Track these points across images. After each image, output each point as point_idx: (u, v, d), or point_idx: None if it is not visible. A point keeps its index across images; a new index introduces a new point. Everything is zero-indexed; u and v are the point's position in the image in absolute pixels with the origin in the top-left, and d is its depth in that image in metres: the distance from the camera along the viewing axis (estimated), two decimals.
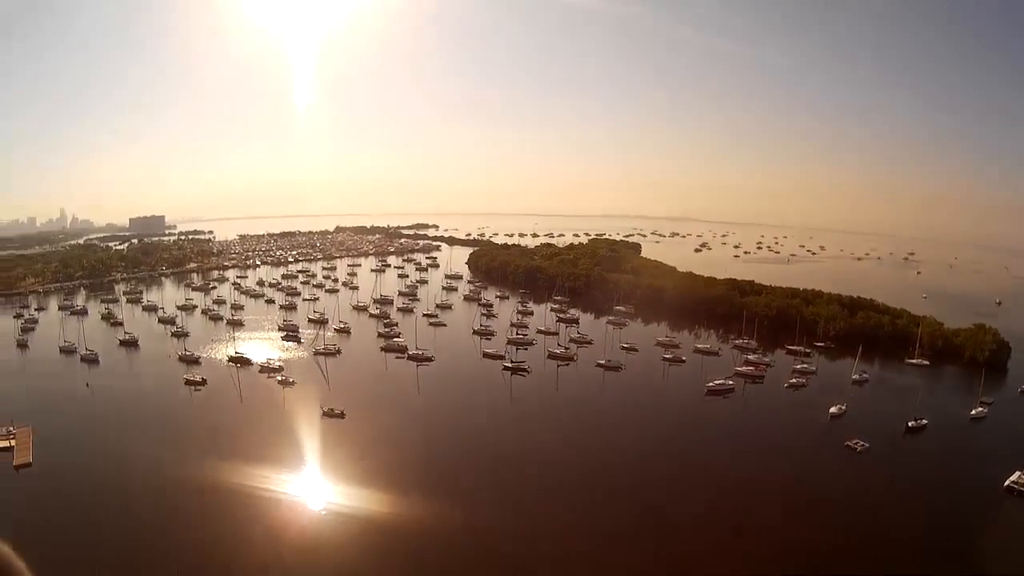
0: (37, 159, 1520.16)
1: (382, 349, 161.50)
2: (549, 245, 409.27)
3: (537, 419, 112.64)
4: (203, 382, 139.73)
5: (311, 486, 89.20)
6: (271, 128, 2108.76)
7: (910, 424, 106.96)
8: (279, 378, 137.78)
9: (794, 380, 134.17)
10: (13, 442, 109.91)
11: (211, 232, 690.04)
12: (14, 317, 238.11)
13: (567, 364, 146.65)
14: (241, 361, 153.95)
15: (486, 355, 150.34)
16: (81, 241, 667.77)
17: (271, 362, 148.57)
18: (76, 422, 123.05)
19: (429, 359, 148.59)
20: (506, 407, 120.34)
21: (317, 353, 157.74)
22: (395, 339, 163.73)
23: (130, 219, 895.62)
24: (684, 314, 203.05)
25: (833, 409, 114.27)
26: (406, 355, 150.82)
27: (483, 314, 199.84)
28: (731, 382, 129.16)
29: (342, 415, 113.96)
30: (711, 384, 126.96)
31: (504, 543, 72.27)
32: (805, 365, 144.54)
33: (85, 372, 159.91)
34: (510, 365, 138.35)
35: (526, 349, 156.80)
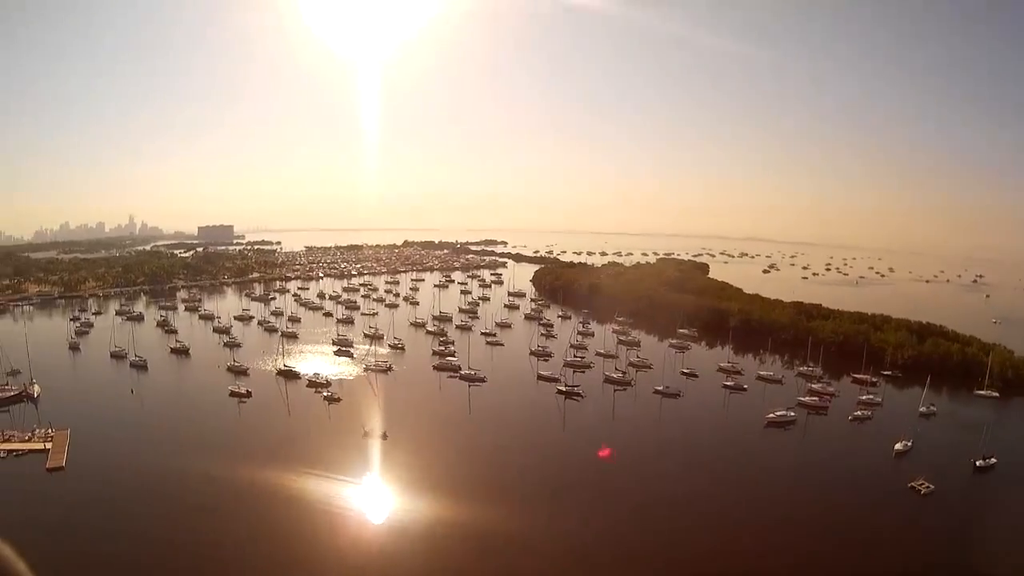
0: (109, 168, 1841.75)
1: (435, 368, 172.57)
2: (615, 264, 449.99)
3: (587, 447, 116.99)
4: (248, 394, 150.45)
5: (335, 503, 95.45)
6: (343, 140, 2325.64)
7: (978, 464, 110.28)
8: (325, 393, 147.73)
9: (859, 412, 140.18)
10: (49, 445, 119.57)
11: (279, 243, 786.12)
12: (70, 320, 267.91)
13: (624, 389, 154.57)
14: (289, 375, 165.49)
15: (541, 377, 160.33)
16: (148, 247, 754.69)
17: (319, 377, 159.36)
18: (116, 427, 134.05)
19: (482, 380, 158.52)
20: (556, 434, 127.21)
21: (368, 369, 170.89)
22: (448, 358, 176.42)
23: (199, 227, 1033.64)
24: (748, 338, 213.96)
25: (898, 446, 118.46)
26: (459, 375, 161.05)
27: (542, 334, 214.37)
28: (792, 414, 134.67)
29: (384, 436, 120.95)
30: (771, 416, 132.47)
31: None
32: (871, 396, 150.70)
33: (133, 378, 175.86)
34: (564, 389, 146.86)
35: (583, 372, 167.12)
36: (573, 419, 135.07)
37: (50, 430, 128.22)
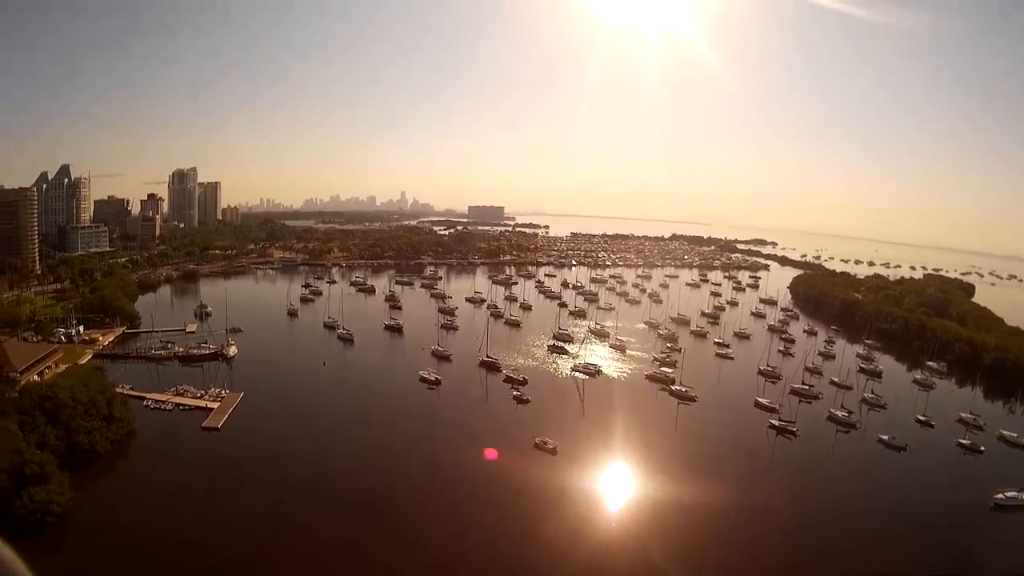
0: (383, 145, 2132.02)
1: (647, 377, 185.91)
2: (879, 276, 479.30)
3: (784, 503, 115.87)
4: (437, 382, 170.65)
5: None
6: (625, 127, 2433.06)
7: None
8: (516, 392, 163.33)
9: None
10: (216, 405, 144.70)
11: (546, 227, 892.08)
12: (302, 286, 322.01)
13: (847, 432, 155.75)
14: (491, 366, 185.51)
15: (758, 404, 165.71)
16: (414, 223, 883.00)
17: (518, 373, 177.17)
18: (288, 397, 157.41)
19: (692, 399, 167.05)
20: (754, 480, 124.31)
21: (575, 370, 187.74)
22: (664, 368, 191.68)
23: (469, 207, 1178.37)
24: (1002, 383, 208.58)
25: None
26: (669, 389, 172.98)
27: (779, 351, 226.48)
28: None
29: (554, 451, 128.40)
30: (1000, 496, 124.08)
31: None
32: None
33: (336, 351, 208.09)
34: (777, 423, 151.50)
35: (809, 403, 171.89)
36: (777, 462, 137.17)
37: (224, 391, 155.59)
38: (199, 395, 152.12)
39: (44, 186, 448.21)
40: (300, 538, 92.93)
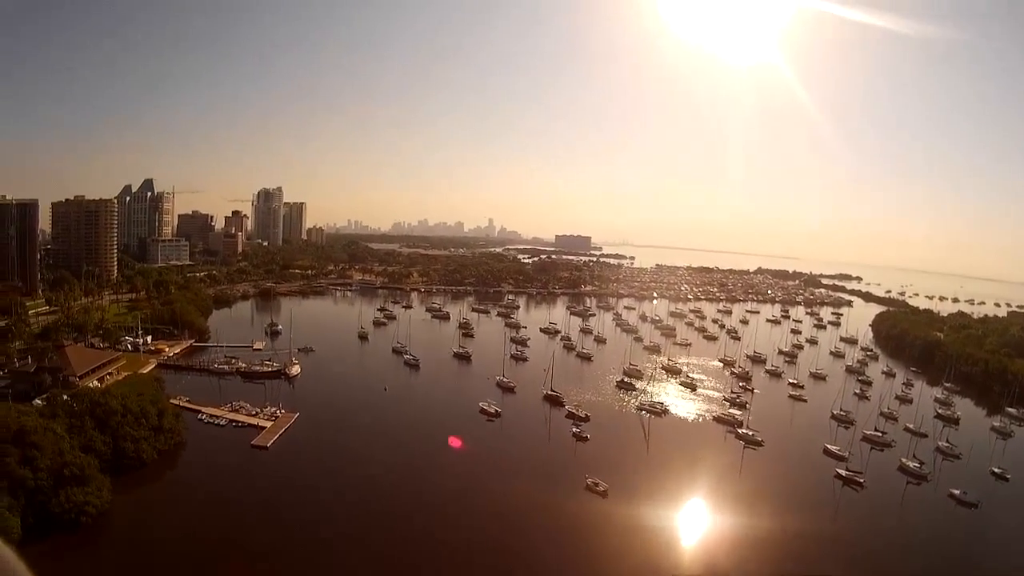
0: (473, 171, 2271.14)
1: (715, 419, 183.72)
2: (963, 314, 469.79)
3: (844, 563, 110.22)
4: (496, 414, 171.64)
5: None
6: (712, 160, 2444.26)
7: None
8: (575, 429, 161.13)
9: None
10: (269, 424, 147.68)
11: (632, 258, 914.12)
12: (377, 310, 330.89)
13: (917, 484, 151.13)
14: (554, 400, 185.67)
15: (827, 452, 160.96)
16: (499, 250, 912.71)
17: (580, 409, 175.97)
18: (344, 422, 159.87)
19: (759, 443, 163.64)
20: (811, 537, 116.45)
21: (641, 409, 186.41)
22: (732, 410, 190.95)
23: (556, 236, 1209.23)
24: None
25: None
26: (736, 432, 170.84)
27: (855, 393, 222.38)
28: None
29: (605, 494, 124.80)
30: None
31: None
32: None
33: (401, 376, 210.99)
34: (844, 474, 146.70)
35: (881, 451, 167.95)
36: (840, 516, 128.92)
37: (279, 410, 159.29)
38: (254, 412, 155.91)
39: (128, 199, 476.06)
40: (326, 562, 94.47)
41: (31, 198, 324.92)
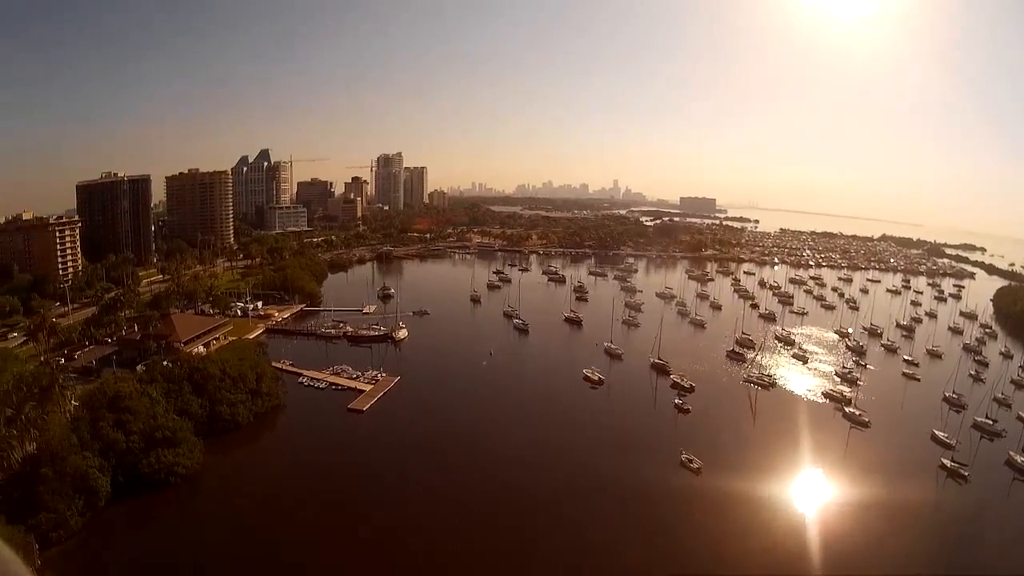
0: (597, 132, 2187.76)
1: (823, 394, 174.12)
2: None
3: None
4: (600, 382, 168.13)
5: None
6: (842, 123, 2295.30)
7: None
8: (678, 401, 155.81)
9: None
10: (368, 387, 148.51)
11: (756, 221, 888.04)
12: (493, 273, 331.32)
13: None
14: (661, 369, 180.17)
15: (934, 438, 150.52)
16: (623, 212, 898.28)
17: (686, 378, 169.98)
18: (444, 386, 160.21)
19: (865, 423, 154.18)
20: (905, 533, 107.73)
21: (748, 380, 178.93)
22: (842, 386, 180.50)
23: (681, 198, 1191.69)
24: None
25: None
26: (843, 411, 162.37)
27: (969, 374, 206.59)
28: None
29: (698, 471, 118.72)
30: None
31: None
32: None
33: (509, 340, 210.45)
34: (948, 464, 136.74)
35: (990, 440, 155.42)
36: (941, 511, 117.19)
37: (380, 374, 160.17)
38: (355, 376, 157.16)
39: (245, 169, 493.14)
40: (412, 533, 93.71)
41: (143, 174, 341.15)
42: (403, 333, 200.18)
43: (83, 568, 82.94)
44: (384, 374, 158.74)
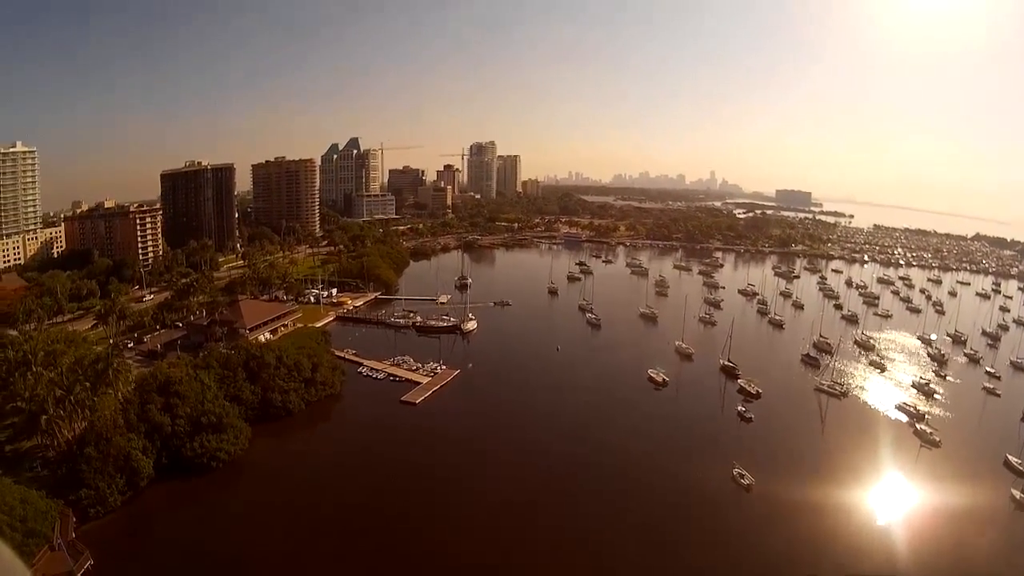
0: (695, 122, 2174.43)
1: (897, 407, 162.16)
2: None
3: None
4: (664, 383, 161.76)
5: None
6: (944, 115, 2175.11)
7: None
8: (741, 408, 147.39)
9: None
10: (426, 380, 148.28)
11: (851, 216, 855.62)
12: (576, 264, 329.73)
13: None
14: (730, 372, 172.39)
15: (1008, 464, 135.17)
16: (718, 204, 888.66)
17: (753, 384, 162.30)
18: (504, 379, 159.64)
19: (935, 443, 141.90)
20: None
21: (819, 389, 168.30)
22: (916, 400, 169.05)
23: (776, 190, 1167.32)
24: None
25: None
26: (913, 428, 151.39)
27: None
28: None
29: (748, 488, 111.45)
30: None
31: None
32: None
33: (579, 335, 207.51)
34: (1018, 496, 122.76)
35: None
36: (1013, 548, 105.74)
37: (440, 366, 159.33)
38: (415, 368, 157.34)
39: (335, 156, 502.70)
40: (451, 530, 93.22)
41: (227, 163, 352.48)
42: (472, 324, 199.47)
43: (115, 542, 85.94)
44: (444, 367, 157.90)
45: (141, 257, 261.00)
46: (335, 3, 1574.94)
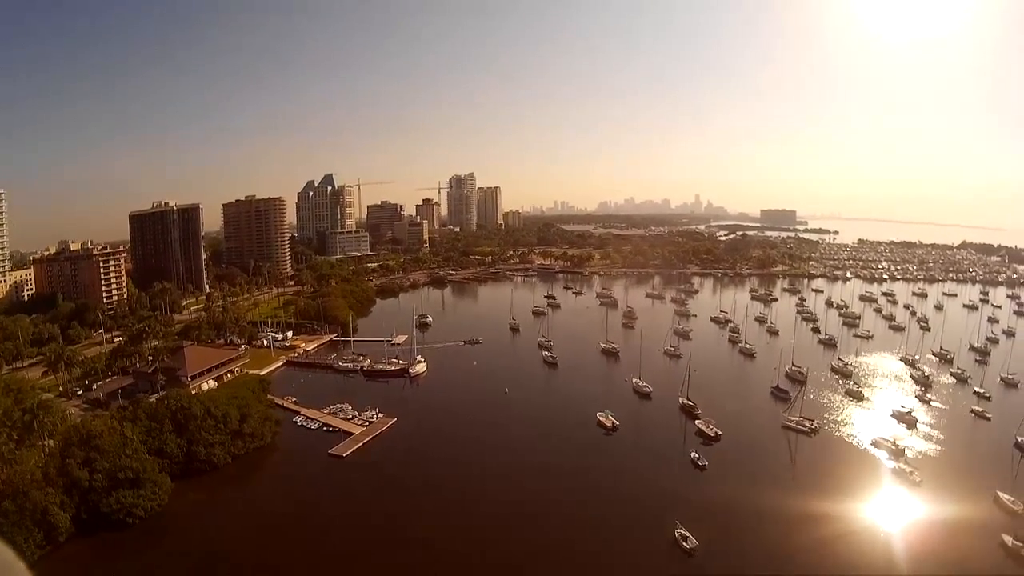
0: (677, 148, 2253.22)
1: (873, 443, 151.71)
2: None
3: None
4: (614, 428, 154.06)
5: None
6: (930, 126, 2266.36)
7: None
8: (694, 455, 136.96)
9: None
10: (359, 430, 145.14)
11: (835, 232, 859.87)
12: (544, 296, 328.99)
13: None
14: (689, 412, 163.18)
15: (999, 502, 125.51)
16: (701, 227, 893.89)
17: (710, 425, 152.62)
18: (445, 428, 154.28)
19: (916, 483, 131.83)
20: None
21: (786, 427, 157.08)
22: (895, 432, 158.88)
23: (761, 210, 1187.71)
24: None
25: None
26: (894, 463, 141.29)
27: None
28: None
29: (691, 553, 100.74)
30: None
31: None
32: None
33: (531, 375, 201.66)
34: (1010, 543, 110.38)
35: None
36: None
37: (376, 414, 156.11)
38: (350, 417, 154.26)
39: (311, 194, 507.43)
40: None
41: (193, 203, 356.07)
42: (421, 367, 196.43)
43: None
44: (380, 415, 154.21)
45: (105, 300, 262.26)
46: (313, 38, 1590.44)
